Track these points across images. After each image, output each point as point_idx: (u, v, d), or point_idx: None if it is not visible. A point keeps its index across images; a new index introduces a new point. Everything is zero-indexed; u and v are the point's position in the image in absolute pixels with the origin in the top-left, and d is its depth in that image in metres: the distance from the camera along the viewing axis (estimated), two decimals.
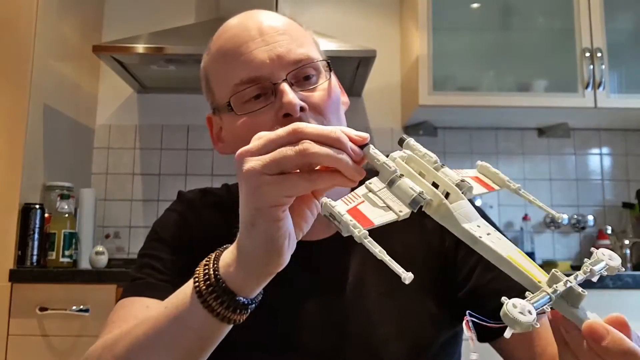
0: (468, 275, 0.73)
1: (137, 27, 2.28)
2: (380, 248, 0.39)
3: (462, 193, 0.43)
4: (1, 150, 1.77)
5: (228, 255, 0.51)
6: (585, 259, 0.42)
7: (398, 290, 0.72)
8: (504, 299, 0.35)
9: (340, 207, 0.42)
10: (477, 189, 0.48)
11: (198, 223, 0.78)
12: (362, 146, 0.46)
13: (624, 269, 0.44)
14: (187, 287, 0.53)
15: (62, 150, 2.06)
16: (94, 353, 0.60)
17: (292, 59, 0.68)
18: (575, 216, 2.33)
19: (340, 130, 0.45)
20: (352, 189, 0.46)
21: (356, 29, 2.42)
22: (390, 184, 0.44)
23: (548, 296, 0.37)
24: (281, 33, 0.70)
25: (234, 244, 0.51)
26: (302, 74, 0.69)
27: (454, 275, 0.75)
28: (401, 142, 0.48)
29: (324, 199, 0.42)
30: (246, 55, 0.68)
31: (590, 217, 2.32)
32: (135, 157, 2.36)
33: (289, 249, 0.49)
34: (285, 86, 0.66)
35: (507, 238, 0.42)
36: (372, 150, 0.46)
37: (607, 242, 2.20)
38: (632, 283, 1.67)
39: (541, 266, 0.40)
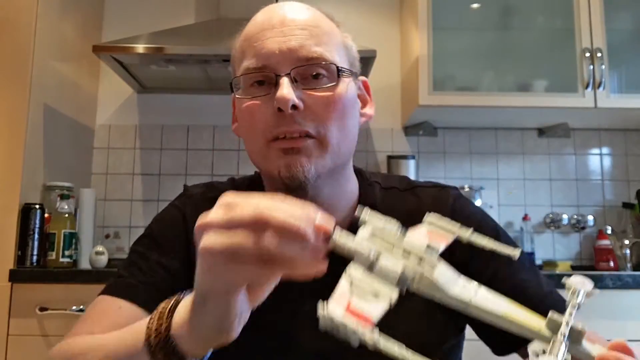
0: None
1: (137, 27, 2.28)
2: (398, 347, 0.38)
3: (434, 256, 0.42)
4: (1, 150, 1.77)
5: (184, 310, 0.49)
6: (568, 297, 0.41)
7: (404, 294, 0.72)
8: (531, 357, 0.35)
9: (338, 312, 0.39)
10: (439, 246, 0.47)
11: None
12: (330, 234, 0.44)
13: (598, 292, 0.43)
14: (141, 329, 0.51)
15: (62, 150, 2.06)
16: (57, 357, 0.61)
17: (302, 55, 0.67)
18: (575, 216, 2.33)
19: (306, 223, 0.42)
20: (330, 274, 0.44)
21: (356, 29, 2.39)
22: (370, 268, 0.42)
23: (564, 344, 0.37)
24: (301, 27, 0.68)
25: (191, 298, 0.49)
26: (310, 72, 0.67)
27: None
28: (359, 220, 0.46)
29: (320, 311, 0.39)
30: (260, 42, 0.68)
31: (590, 217, 2.32)
32: (135, 157, 2.36)
33: (239, 324, 0.47)
34: (284, 80, 0.65)
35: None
36: (339, 236, 0.43)
37: (607, 242, 2.19)
38: (632, 283, 1.67)
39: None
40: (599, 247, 2.21)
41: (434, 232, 0.48)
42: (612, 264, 2.16)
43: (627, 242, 2.16)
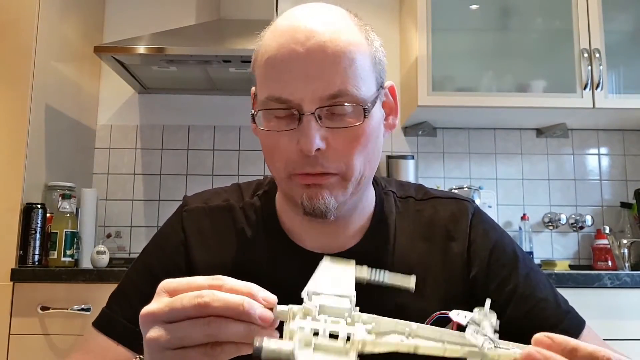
0: (502, 308, 0.72)
1: (138, 27, 2.29)
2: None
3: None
4: (3, 150, 1.78)
5: None
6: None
7: (417, 310, 0.73)
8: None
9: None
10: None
11: (201, 244, 0.77)
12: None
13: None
14: None
15: (64, 150, 2.07)
16: None
17: (328, 94, 0.63)
18: (574, 216, 2.34)
19: (248, 301, 0.44)
20: None
21: None
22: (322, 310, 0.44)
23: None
24: (328, 58, 0.63)
25: None
26: (335, 110, 0.64)
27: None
28: None
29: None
30: (285, 74, 0.63)
31: (589, 217, 2.33)
32: (136, 157, 2.37)
33: None
34: (309, 122, 0.62)
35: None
36: (280, 308, 0.45)
37: (605, 241, 2.20)
38: (630, 282, 1.68)
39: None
40: (597, 247, 2.22)
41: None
42: (610, 263, 2.17)
43: (625, 241, 2.17)
